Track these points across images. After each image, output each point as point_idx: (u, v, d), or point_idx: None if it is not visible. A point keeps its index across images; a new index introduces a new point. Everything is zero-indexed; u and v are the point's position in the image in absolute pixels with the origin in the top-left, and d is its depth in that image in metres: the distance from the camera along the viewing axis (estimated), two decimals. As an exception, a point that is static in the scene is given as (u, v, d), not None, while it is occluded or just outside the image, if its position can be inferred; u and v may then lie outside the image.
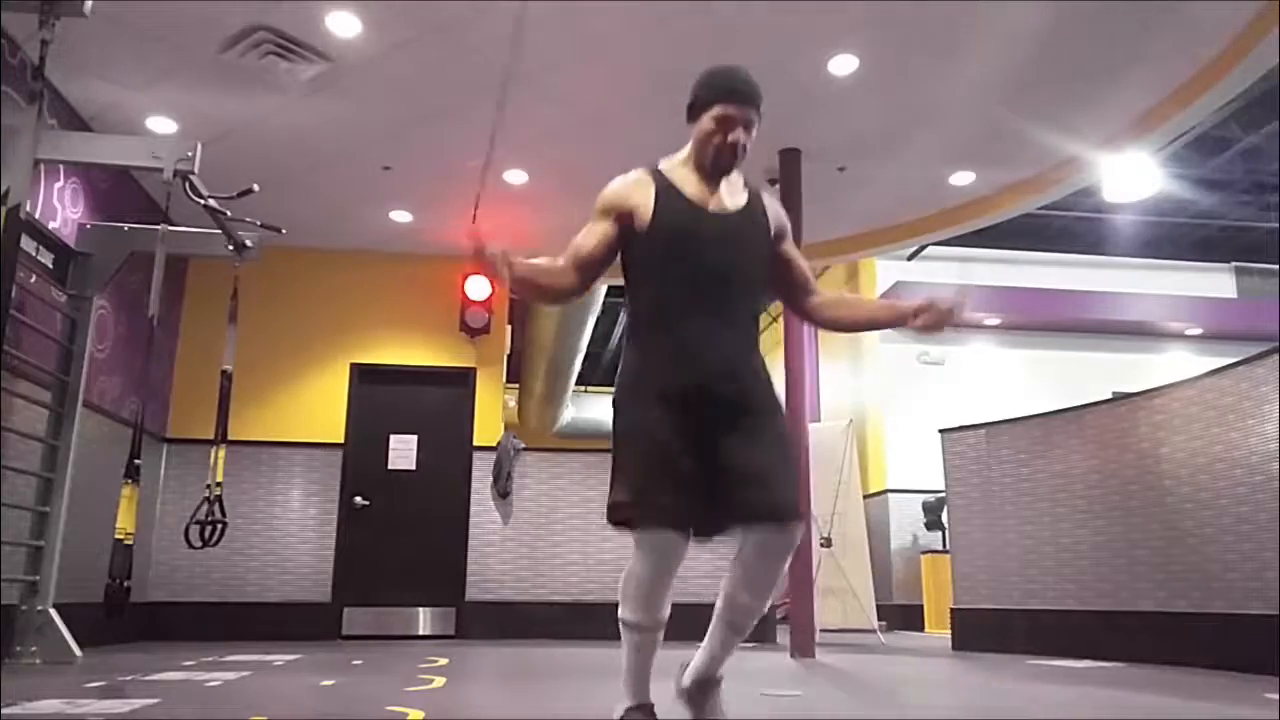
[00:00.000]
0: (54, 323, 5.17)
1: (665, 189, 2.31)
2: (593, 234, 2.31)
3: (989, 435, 6.39)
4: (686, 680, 2.32)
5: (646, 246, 2.28)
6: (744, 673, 2.18)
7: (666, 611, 2.20)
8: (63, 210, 5.32)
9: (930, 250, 9.13)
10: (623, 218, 2.30)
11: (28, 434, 4.88)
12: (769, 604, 2.26)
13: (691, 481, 2.12)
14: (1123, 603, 5.38)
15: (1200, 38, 4.93)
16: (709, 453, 2.15)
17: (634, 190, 2.32)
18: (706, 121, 2.28)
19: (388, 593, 7.19)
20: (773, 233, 2.40)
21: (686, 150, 2.37)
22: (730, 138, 2.26)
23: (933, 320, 2.29)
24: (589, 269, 2.30)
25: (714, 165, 2.30)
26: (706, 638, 2.29)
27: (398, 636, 7.04)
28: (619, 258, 2.35)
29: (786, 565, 2.22)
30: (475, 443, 7.56)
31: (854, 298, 2.48)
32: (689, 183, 2.33)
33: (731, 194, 2.36)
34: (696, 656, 2.31)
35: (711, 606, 2.27)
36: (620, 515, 2.14)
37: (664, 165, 2.38)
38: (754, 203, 2.39)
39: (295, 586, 7.09)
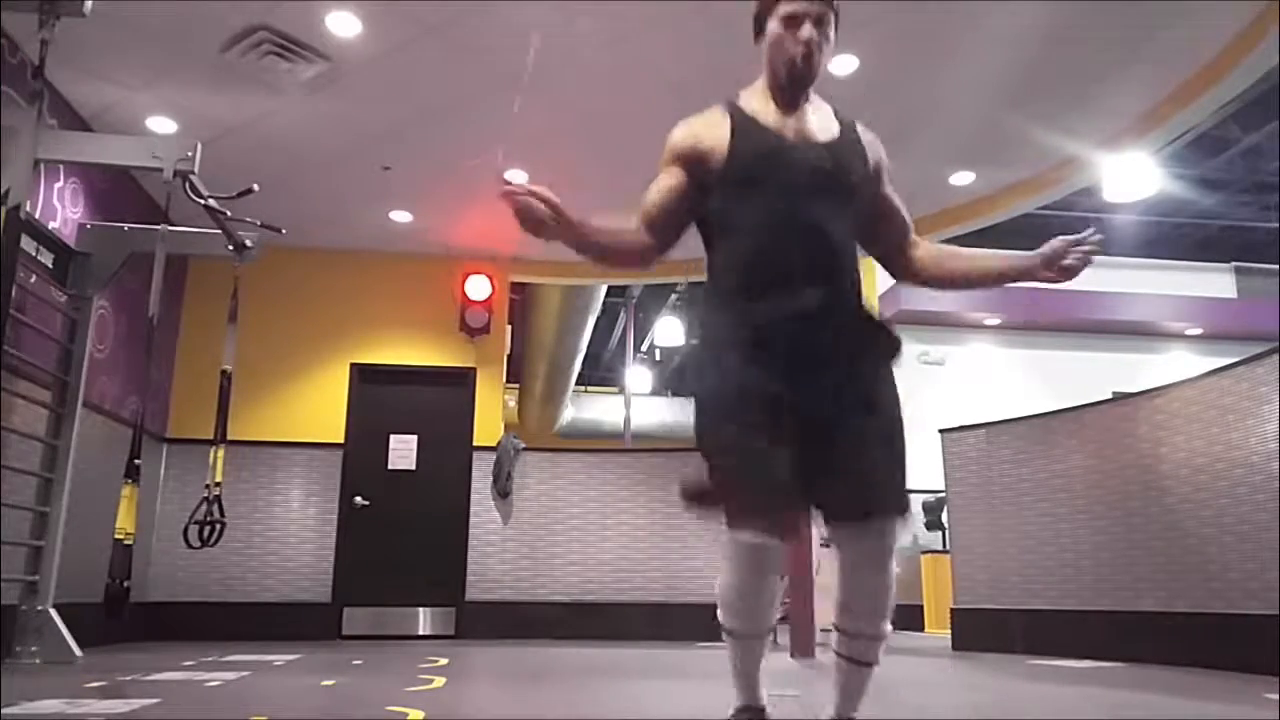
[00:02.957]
0: (54, 323, 5.16)
1: (742, 121, 1.99)
2: (662, 187, 2.00)
3: (989, 435, 6.39)
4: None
5: (723, 190, 1.96)
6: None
7: (770, 621, 2.00)
8: (63, 210, 5.32)
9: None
10: (693, 162, 1.98)
11: (28, 434, 4.88)
12: (888, 626, 1.94)
13: (785, 476, 1.79)
14: (1123, 603, 5.38)
15: (1200, 38, 4.93)
16: (806, 432, 1.83)
17: (705, 129, 2.00)
18: (773, 25, 1.99)
19: (388, 593, 7.18)
20: (871, 168, 2.05)
21: (762, 79, 2.06)
22: (801, 35, 1.95)
23: (1075, 264, 1.97)
24: (662, 227, 1.99)
25: (790, 78, 1.99)
26: (833, 679, 2.03)
27: (398, 636, 7.04)
28: (695, 212, 2.03)
29: (891, 571, 1.91)
30: (475, 443, 7.55)
31: (962, 249, 2.15)
32: (768, 113, 2.00)
33: (821, 123, 2.03)
34: (828, 702, 2.05)
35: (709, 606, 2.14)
36: (706, 505, 1.88)
37: (742, 96, 2.06)
38: (848, 134, 2.06)
39: (295, 586, 7.09)
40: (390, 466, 7.47)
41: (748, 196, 1.95)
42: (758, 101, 2.04)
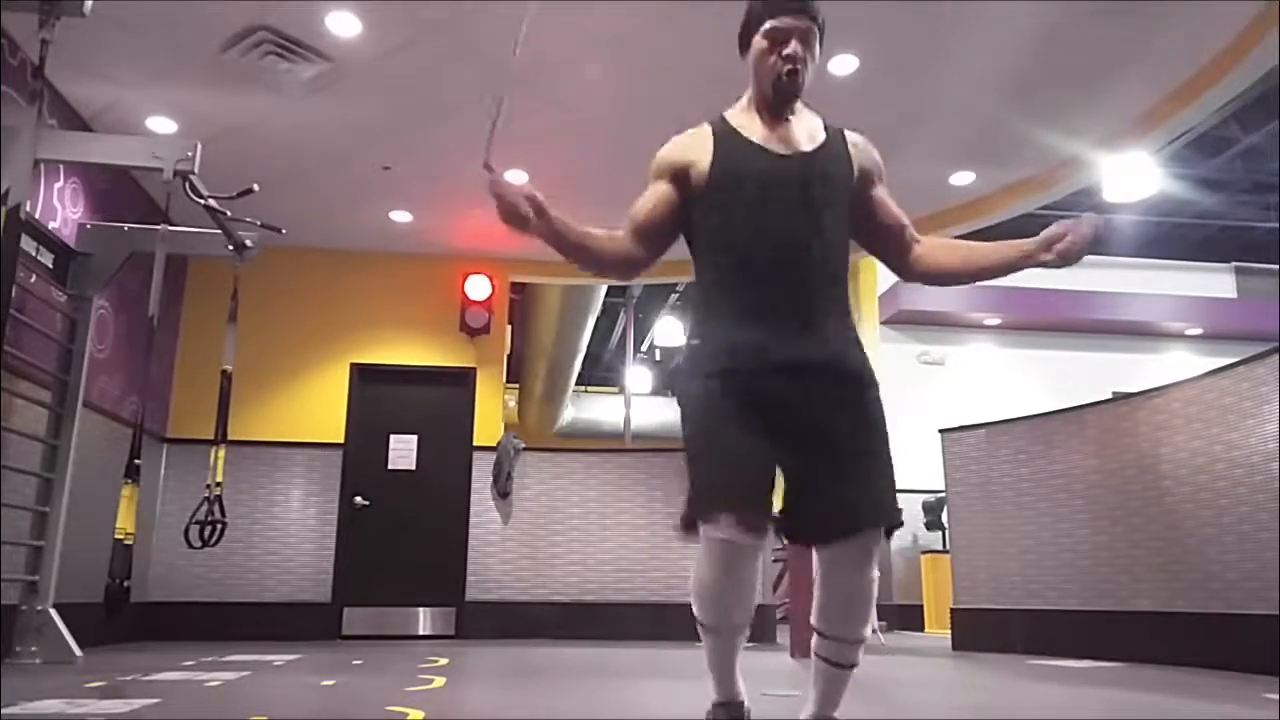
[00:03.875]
0: (54, 323, 5.16)
1: (725, 135, 2.03)
2: (650, 198, 2.05)
3: (989, 435, 6.39)
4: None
5: (706, 202, 2.00)
6: (744, 673, 2.16)
7: (747, 616, 1.99)
8: (63, 210, 5.32)
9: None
10: (680, 175, 2.02)
11: (28, 434, 4.88)
12: (868, 630, 1.99)
13: (759, 477, 1.85)
14: (1123, 603, 5.38)
15: (1200, 38, 4.93)
16: (787, 450, 1.88)
17: (691, 143, 2.04)
18: (759, 41, 2.01)
19: (388, 593, 7.18)
20: (857, 174, 2.07)
21: (748, 94, 2.09)
22: (786, 52, 1.98)
23: (1072, 246, 1.96)
24: (649, 237, 2.03)
25: (775, 92, 2.01)
26: (810, 682, 2.05)
27: (398, 636, 7.04)
28: (682, 225, 2.07)
29: (871, 576, 1.95)
30: (475, 443, 7.56)
31: (961, 242, 2.18)
32: (753, 127, 2.03)
33: (807, 133, 2.05)
34: (807, 701, 2.07)
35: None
36: (688, 518, 1.89)
37: (728, 113, 2.10)
38: (834, 142, 2.07)
39: (295, 586, 7.09)
40: (390, 466, 7.47)
41: (731, 209, 1.98)
42: (743, 117, 2.07)
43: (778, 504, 1.93)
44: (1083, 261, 2.05)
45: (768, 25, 2.00)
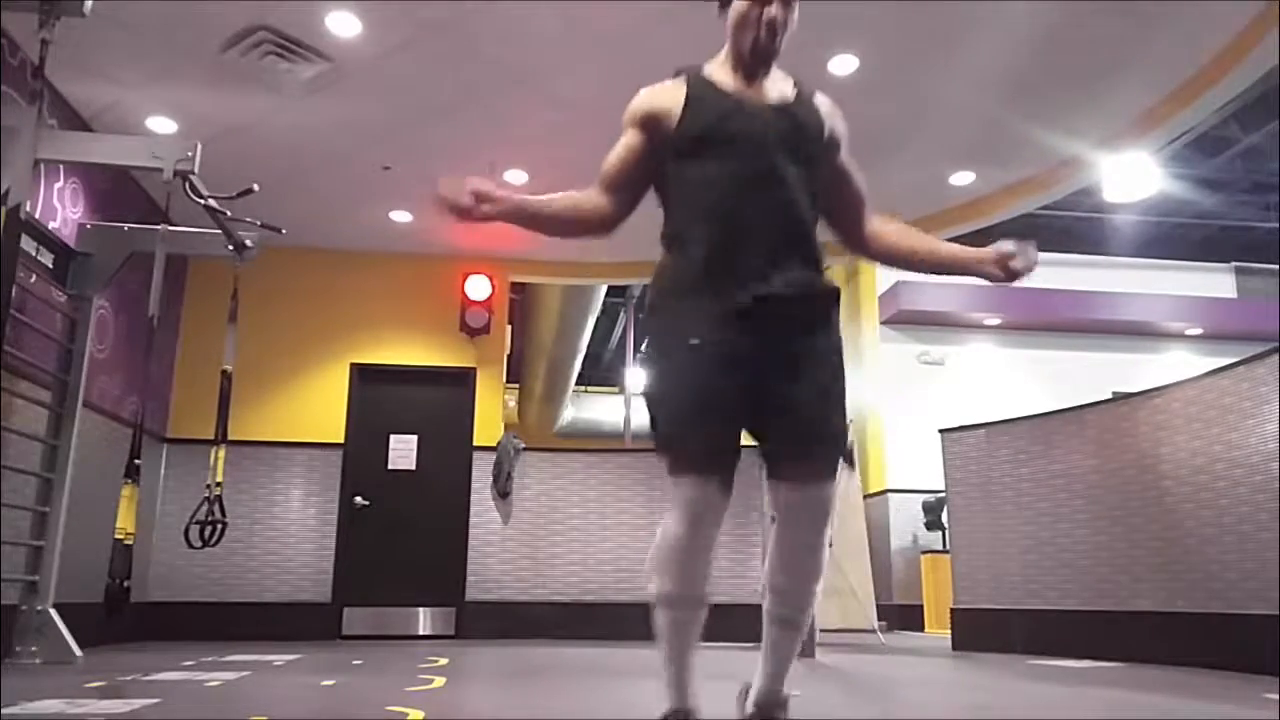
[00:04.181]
0: (54, 323, 5.16)
1: (698, 84, 2.06)
2: (618, 149, 2.06)
3: (989, 435, 6.39)
4: (749, 706, 2.07)
5: (676, 150, 2.02)
6: (744, 673, 2.16)
7: (706, 586, 1.95)
8: (63, 210, 5.32)
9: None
10: (650, 124, 2.05)
11: (28, 434, 4.88)
12: (817, 586, 2.02)
13: (731, 418, 1.90)
14: (1123, 603, 5.38)
15: (1200, 38, 4.93)
16: (750, 386, 1.91)
17: (663, 93, 2.08)
18: (738, 2, 2.04)
19: (388, 593, 7.18)
20: (827, 135, 2.09)
21: (724, 50, 2.13)
22: (766, 15, 2.02)
23: (1025, 267, 2.03)
24: (620, 188, 2.04)
25: (753, 51, 2.04)
26: (761, 649, 2.08)
27: (398, 636, 7.04)
28: (652, 174, 2.09)
29: (826, 534, 1.99)
30: (475, 443, 7.56)
31: (917, 232, 2.23)
32: (727, 80, 2.07)
33: (778, 92, 2.08)
34: (756, 675, 2.09)
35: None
36: (660, 455, 1.93)
37: (706, 66, 2.13)
38: (805, 99, 2.10)
39: (295, 586, 7.09)
40: (390, 466, 7.47)
41: (702, 156, 2.00)
42: (718, 71, 2.10)
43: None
44: (1083, 262, 2.08)
45: None
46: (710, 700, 2.07)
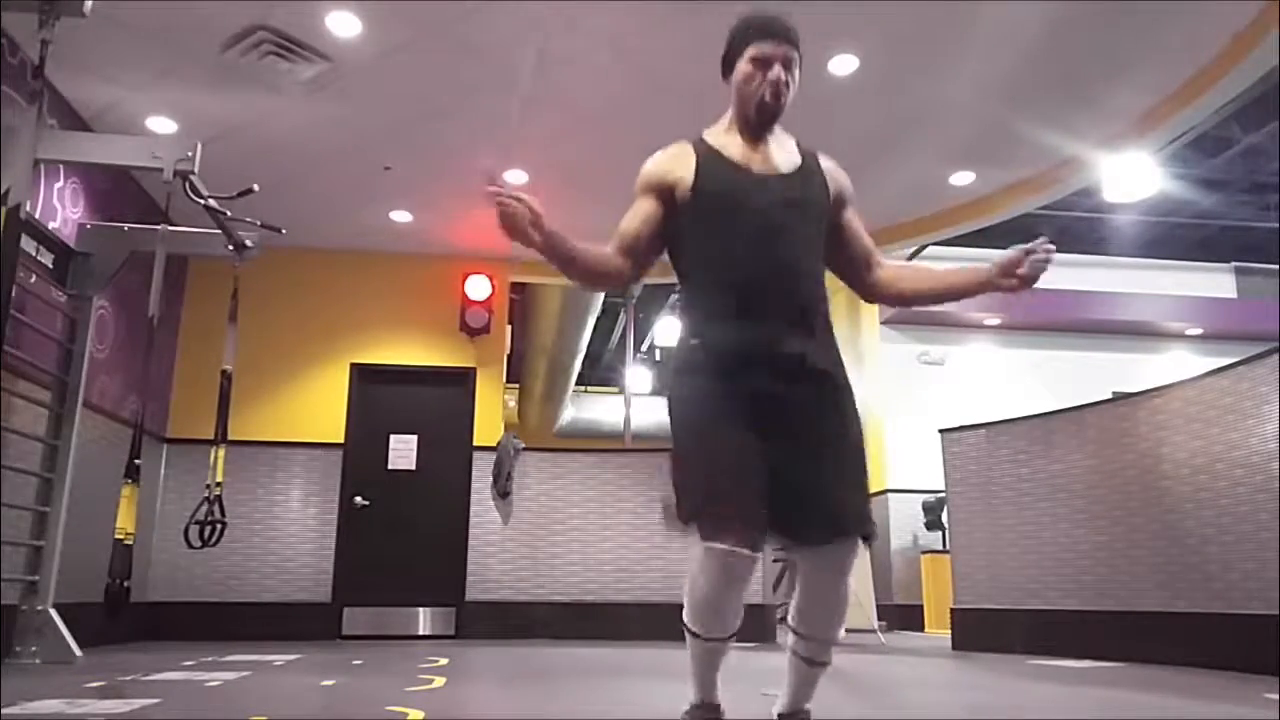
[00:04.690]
0: (54, 323, 5.16)
1: (707, 155, 2.12)
2: (636, 215, 2.13)
3: (989, 435, 6.39)
4: (775, 715, 2.17)
5: (690, 220, 2.09)
6: (744, 673, 2.16)
7: (736, 623, 2.03)
8: (63, 210, 5.32)
9: (930, 250, 9.12)
10: (664, 193, 2.11)
11: (28, 434, 4.88)
12: (841, 632, 2.10)
13: (758, 488, 1.93)
14: (1123, 603, 5.38)
15: (1200, 38, 4.93)
16: (774, 453, 1.95)
17: (674, 162, 2.13)
18: (743, 65, 2.11)
19: (388, 593, 7.18)
20: (832, 197, 2.17)
21: (728, 116, 2.20)
22: (770, 75, 2.09)
23: (1036, 270, 2.07)
24: (636, 253, 2.11)
25: (758, 114, 2.12)
26: (786, 675, 2.15)
27: (398, 636, 7.04)
28: (666, 240, 2.15)
29: (849, 584, 2.07)
30: (475, 443, 7.56)
31: (921, 267, 2.16)
32: (733, 147, 2.14)
33: (784, 155, 2.16)
34: (781, 692, 2.17)
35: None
36: (687, 521, 1.97)
37: (707, 134, 2.19)
38: (809, 164, 2.18)
39: (295, 586, 7.09)
40: (390, 466, 7.47)
41: (715, 229, 2.06)
42: (723, 138, 2.17)
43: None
44: (1083, 262, 2.10)
45: (752, 50, 2.11)
46: (728, 703, 2.13)
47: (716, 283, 2.06)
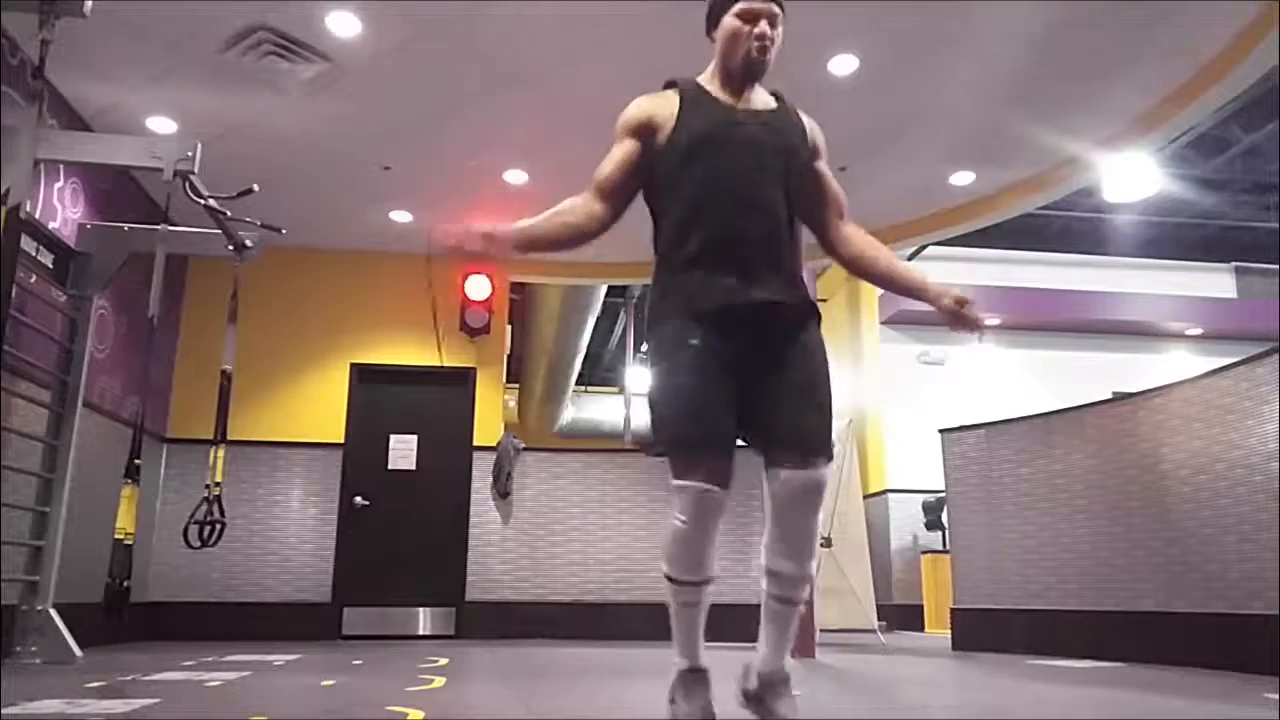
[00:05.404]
0: (54, 323, 5.16)
1: (691, 95, 2.22)
2: (614, 158, 2.21)
3: (989, 435, 6.39)
4: (750, 682, 2.18)
5: (671, 154, 2.16)
6: (744, 673, 2.16)
7: (711, 567, 2.11)
8: (63, 210, 5.32)
9: (930, 250, 9.13)
10: (644, 133, 2.20)
11: (28, 434, 4.88)
12: (813, 567, 2.17)
13: (728, 427, 2.05)
14: (1123, 603, 5.38)
15: (1200, 38, 4.93)
16: (744, 377, 2.06)
17: (657, 104, 2.23)
18: (729, 20, 2.21)
19: (388, 593, 7.19)
20: (810, 142, 2.28)
21: (710, 69, 2.30)
22: (758, 29, 2.18)
23: (976, 324, 2.19)
24: (614, 193, 2.19)
25: (744, 67, 2.21)
26: (760, 629, 2.19)
27: (398, 636, 7.04)
28: (644, 181, 2.23)
29: (819, 516, 2.12)
30: (475, 443, 7.56)
31: (888, 251, 2.27)
32: (717, 92, 2.25)
33: (763, 101, 2.27)
34: (756, 654, 2.21)
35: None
36: (658, 454, 2.09)
37: (698, 78, 2.30)
38: (786, 109, 2.29)
39: (295, 586, 7.09)
40: (390, 466, 7.47)
41: (695, 163, 2.13)
42: (709, 84, 2.28)
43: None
44: (1083, 261, 2.13)
45: (740, 6, 2.20)
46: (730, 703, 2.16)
47: (693, 220, 2.12)
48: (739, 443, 2.11)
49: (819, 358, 2.17)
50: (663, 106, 2.20)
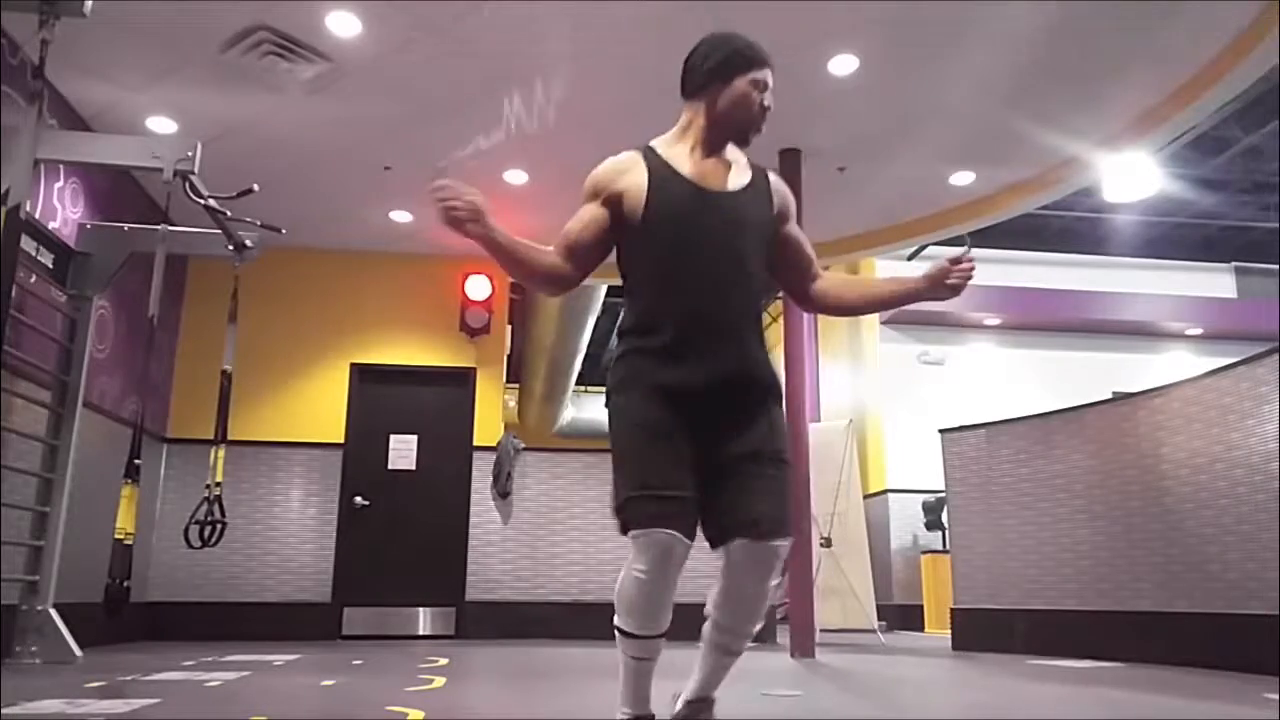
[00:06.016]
0: (54, 323, 5.16)
1: (660, 170, 2.15)
2: (581, 219, 2.16)
3: (989, 435, 6.39)
4: (679, 705, 2.19)
5: (642, 234, 2.12)
6: (744, 673, 2.17)
7: (668, 621, 2.06)
8: (63, 210, 5.32)
9: (930, 250, 9.13)
10: (612, 201, 2.15)
11: (28, 434, 4.88)
12: (758, 626, 2.14)
13: (689, 482, 2.01)
14: (1123, 603, 5.38)
15: (1200, 38, 4.93)
16: (705, 452, 2.04)
17: (623, 172, 2.16)
18: (742, 85, 2.16)
19: (388, 593, 7.19)
20: (776, 211, 2.25)
21: (679, 128, 2.24)
22: (766, 101, 2.19)
23: (962, 280, 2.15)
24: (580, 256, 2.15)
25: (742, 132, 2.20)
26: (698, 661, 2.17)
27: (398, 636, 7.04)
28: (615, 250, 2.20)
29: (771, 584, 2.08)
30: (475, 443, 7.56)
31: (858, 278, 2.30)
32: (686, 162, 2.17)
33: (735, 172, 2.21)
34: (690, 680, 2.19)
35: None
36: (622, 516, 2.04)
37: (656, 144, 2.22)
38: (758, 180, 2.24)
39: (295, 586, 7.09)
40: (390, 466, 7.47)
41: (663, 248, 2.11)
42: (674, 150, 2.20)
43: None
44: (1083, 261, 2.12)
45: (755, 73, 2.18)
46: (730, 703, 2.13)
47: (660, 301, 2.11)
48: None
49: (781, 442, 2.15)
50: (630, 179, 2.14)
